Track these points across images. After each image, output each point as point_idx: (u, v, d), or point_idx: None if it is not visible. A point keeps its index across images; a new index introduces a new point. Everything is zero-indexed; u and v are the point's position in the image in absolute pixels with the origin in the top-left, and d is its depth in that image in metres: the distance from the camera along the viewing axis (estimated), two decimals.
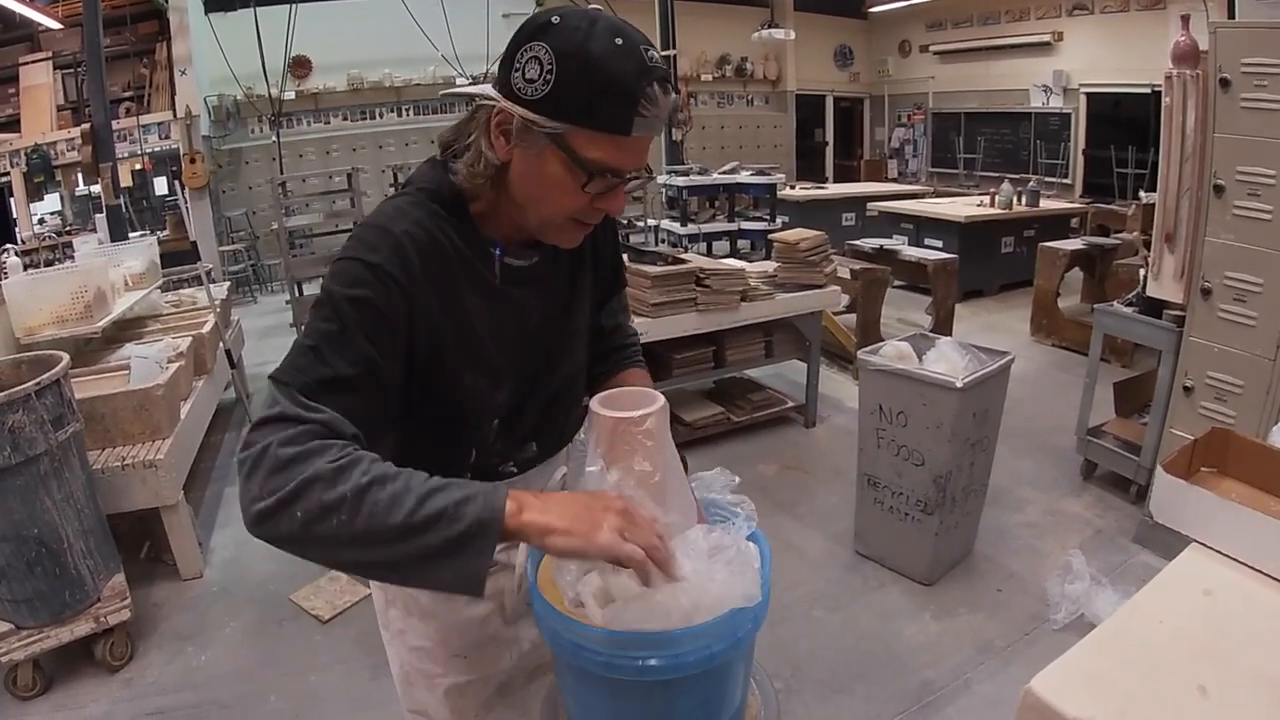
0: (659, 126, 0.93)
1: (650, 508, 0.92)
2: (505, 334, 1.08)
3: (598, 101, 0.88)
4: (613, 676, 0.89)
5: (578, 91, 0.88)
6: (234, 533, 3.52)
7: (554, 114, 0.89)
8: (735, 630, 0.90)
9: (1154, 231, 3.16)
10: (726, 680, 0.99)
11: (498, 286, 1.06)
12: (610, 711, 0.98)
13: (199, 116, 8.35)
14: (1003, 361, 2.85)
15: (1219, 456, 1.53)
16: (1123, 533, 3.24)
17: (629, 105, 0.88)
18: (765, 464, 4.01)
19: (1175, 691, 1.03)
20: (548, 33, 0.89)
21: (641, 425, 0.95)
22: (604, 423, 0.96)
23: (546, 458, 1.24)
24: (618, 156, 0.92)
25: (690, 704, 0.96)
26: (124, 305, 3.98)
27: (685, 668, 0.88)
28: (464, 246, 1.02)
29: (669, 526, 0.92)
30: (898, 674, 2.51)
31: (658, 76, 0.89)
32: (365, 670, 2.58)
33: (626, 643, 0.86)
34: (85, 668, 2.60)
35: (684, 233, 7.60)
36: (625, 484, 0.93)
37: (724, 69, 12.10)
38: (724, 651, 0.90)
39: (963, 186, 10.88)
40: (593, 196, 0.96)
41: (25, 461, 2.32)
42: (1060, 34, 10.19)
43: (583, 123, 0.89)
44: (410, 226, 0.97)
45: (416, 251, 0.96)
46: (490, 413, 1.11)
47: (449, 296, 1.00)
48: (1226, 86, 2.70)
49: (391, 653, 1.34)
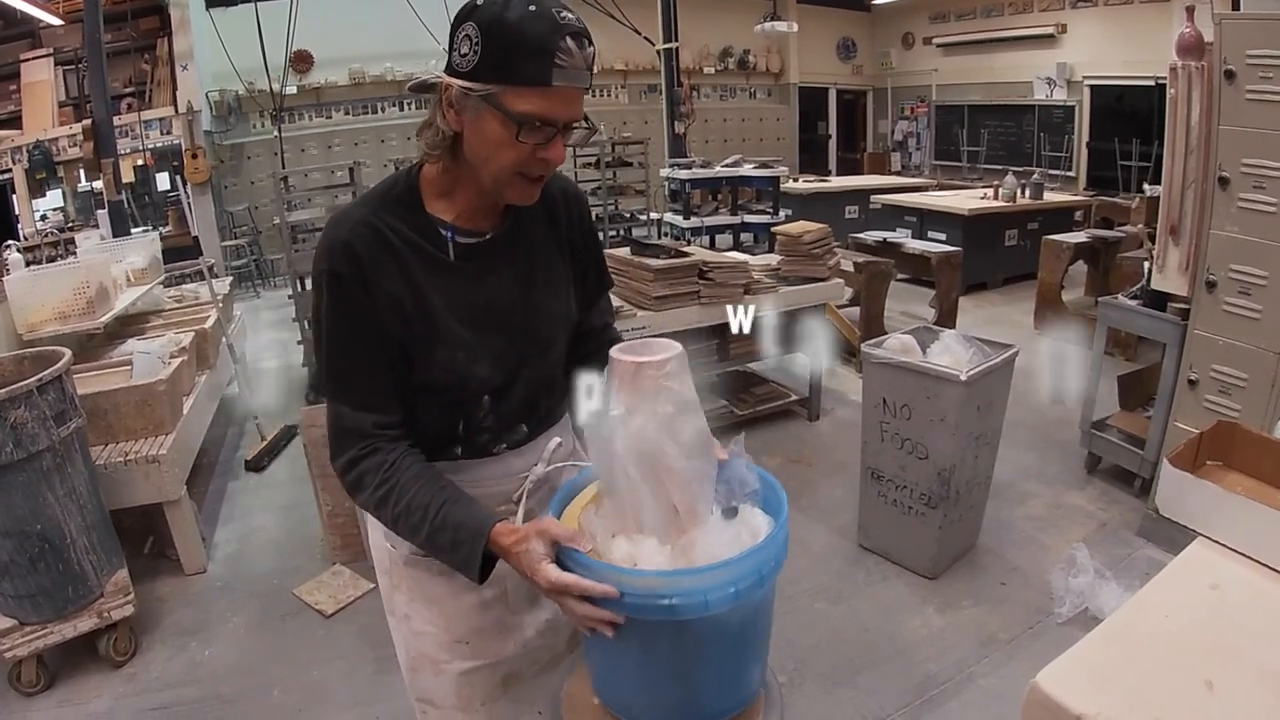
0: (581, 78, 1.02)
1: (673, 450, 0.99)
2: (467, 306, 1.17)
3: (518, 60, 0.99)
4: (642, 619, 0.95)
5: (500, 55, 0.99)
6: (237, 527, 3.54)
7: (484, 78, 1.01)
8: (759, 569, 0.96)
9: (1158, 224, 3.14)
10: (746, 634, 1.04)
11: (452, 263, 1.16)
12: (639, 657, 1.03)
13: (200, 112, 8.34)
14: (1006, 354, 2.84)
15: (1224, 450, 1.51)
16: (1127, 526, 3.23)
17: (546, 58, 0.98)
18: (769, 457, 4.00)
19: (1181, 686, 1.03)
20: (474, 12, 1.01)
21: (663, 369, 1.00)
22: (626, 368, 1.01)
23: (535, 437, 1.29)
24: (545, 106, 1.01)
25: (716, 652, 1.01)
26: (126, 301, 3.98)
27: (711, 605, 0.93)
28: (412, 233, 1.13)
29: (689, 470, 1.01)
30: (901, 667, 2.51)
31: (570, 31, 0.99)
32: (369, 665, 2.59)
33: (651, 583, 0.94)
34: (89, 663, 2.61)
35: (687, 226, 7.58)
36: (647, 428, 0.99)
37: (726, 62, 12.06)
38: (750, 588, 0.95)
39: (966, 179, 10.85)
40: (532, 147, 1.05)
41: (28, 457, 2.32)
42: (1064, 26, 10.14)
43: (508, 81, 1.00)
44: (352, 227, 1.11)
45: (363, 247, 1.09)
46: (473, 388, 1.19)
47: (402, 278, 1.12)
48: (1231, 78, 2.68)
49: (398, 639, 1.37)
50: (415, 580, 1.29)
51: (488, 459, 1.25)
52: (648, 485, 1.00)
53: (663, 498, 1.00)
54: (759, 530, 1.04)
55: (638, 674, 1.05)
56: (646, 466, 0.99)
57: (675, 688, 1.04)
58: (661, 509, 1.01)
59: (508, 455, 1.26)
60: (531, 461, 1.25)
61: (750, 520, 1.05)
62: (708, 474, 1.04)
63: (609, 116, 10.17)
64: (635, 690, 1.08)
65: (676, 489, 1.01)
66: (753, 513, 1.06)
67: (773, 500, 1.09)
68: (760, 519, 1.06)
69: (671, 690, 1.04)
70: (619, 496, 1.03)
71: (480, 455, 1.24)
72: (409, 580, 1.29)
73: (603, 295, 1.40)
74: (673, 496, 1.01)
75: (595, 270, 1.36)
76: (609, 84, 11.26)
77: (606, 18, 7.95)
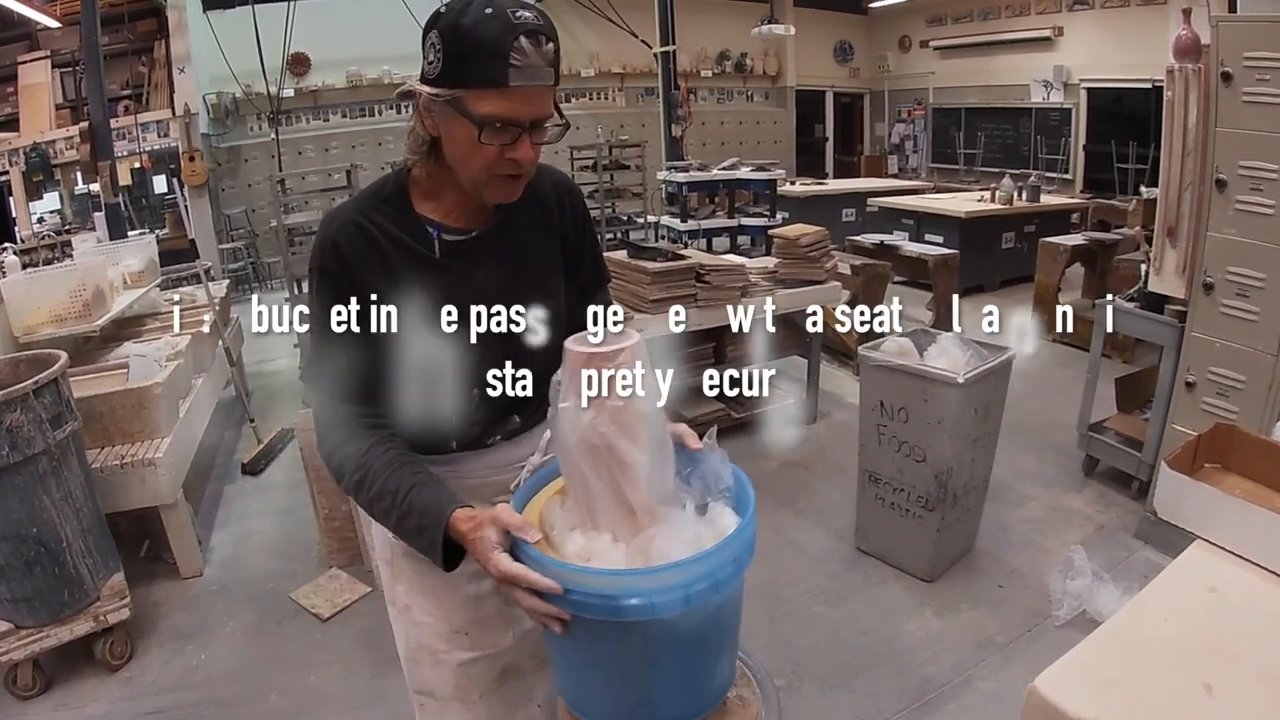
0: (540, 75, 1.03)
1: (624, 445, 0.96)
2: (452, 300, 1.18)
3: (474, 63, 1.01)
4: (589, 618, 0.93)
5: (458, 60, 1.02)
6: (233, 531, 3.52)
7: (447, 84, 1.04)
8: (714, 572, 0.92)
9: (1156, 226, 3.14)
10: (706, 638, 1.01)
11: (437, 259, 1.19)
12: (590, 655, 1.00)
13: (198, 114, 8.33)
14: (1004, 357, 2.84)
15: (1223, 452, 1.51)
16: (1124, 529, 3.23)
17: (500, 60, 1.00)
18: (766, 460, 4.00)
19: (1180, 690, 1.02)
20: (436, 20, 1.04)
21: (615, 360, 0.96)
22: (577, 358, 0.98)
23: (530, 429, 1.30)
24: (505, 107, 1.03)
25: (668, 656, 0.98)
26: (123, 304, 3.97)
27: (659, 609, 0.90)
28: (399, 231, 1.17)
29: (643, 465, 0.98)
30: (899, 670, 2.50)
31: (525, 30, 1.00)
32: (365, 669, 2.58)
33: (596, 581, 0.92)
34: (85, 667, 2.59)
35: (684, 229, 7.57)
36: (598, 421, 0.96)
37: (723, 65, 12.05)
38: (703, 593, 0.91)
39: (963, 182, 10.85)
40: (500, 149, 1.06)
41: (24, 461, 2.31)
42: (1061, 29, 10.14)
43: (467, 84, 1.02)
44: (340, 226, 1.15)
45: (348, 245, 1.14)
46: (462, 380, 1.20)
47: (386, 272, 1.15)
48: (1228, 81, 2.68)
49: (398, 630, 1.37)
50: (415, 571, 1.30)
51: (483, 450, 1.27)
52: (600, 480, 0.98)
53: (616, 494, 0.98)
54: (725, 530, 1.00)
55: (591, 673, 1.04)
56: (599, 461, 0.97)
57: (626, 689, 1.01)
58: (616, 505, 0.99)
59: (504, 445, 1.29)
60: (529, 450, 1.25)
61: (717, 520, 1.02)
62: (665, 469, 1.02)
63: (606, 119, 10.18)
64: (589, 689, 1.06)
65: (630, 485, 0.98)
66: (722, 511, 1.03)
67: (741, 498, 1.05)
68: (729, 519, 1.02)
69: (623, 691, 1.02)
70: (574, 491, 1.01)
71: (475, 447, 1.27)
72: (409, 571, 1.30)
73: (600, 290, 1.39)
74: (626, 493, 0.98)
75: (591, 263, 1.36)
76: (606, 87, 11.26)
77: (604, 21, 7.98)
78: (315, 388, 1.20)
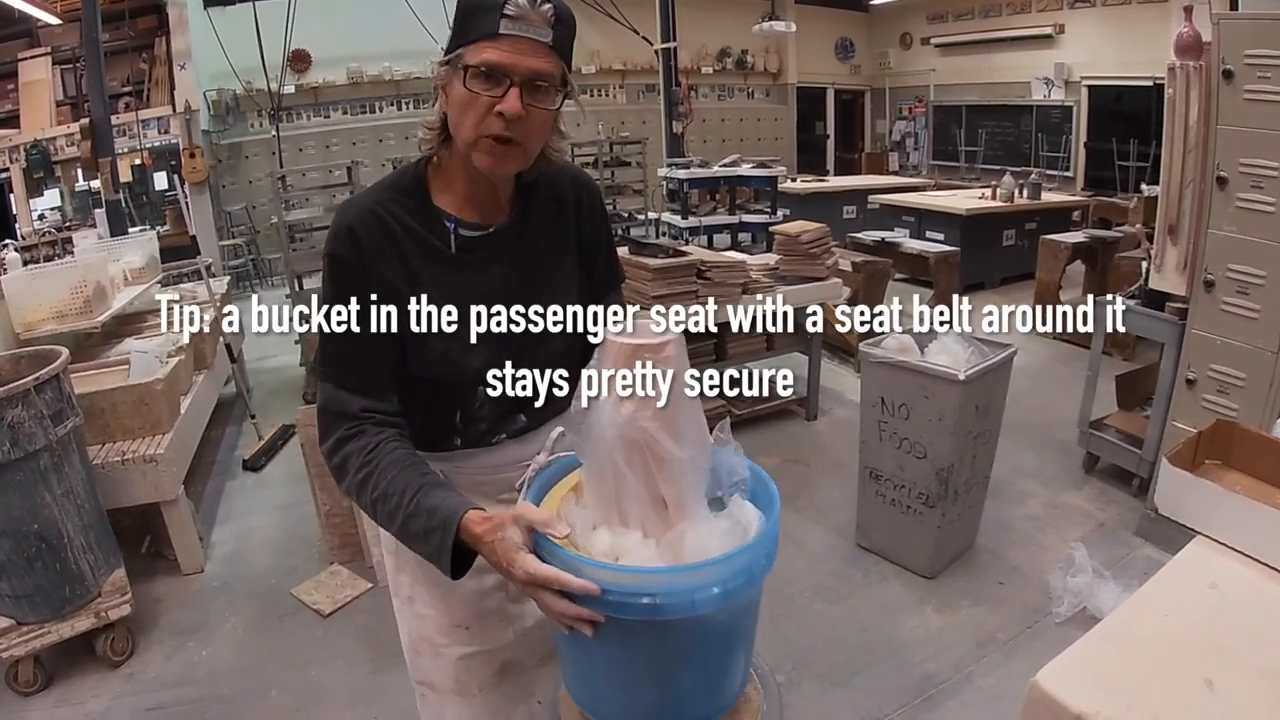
0: (535, 30, 1.03)
1: (666, 441, 0.94)
2: (466, 297, 1.17)
3: (472, 18, 1.04)
4: (625, 618, 0.90)
5: (461, 21, 1.05)
6: (235, 527, 3.53)
7: (452, 47, 1.06)
8: (750, 567, 0.91)
9: (1157, 224, 3.14)
10: (732, 635, 0.99)
11: (453, 255, 1.17)
12: (617, 657, 0.98)
13: (198, 111, 8.31)
14: (1005, 354, 2.84)
15: (1223, 449, 1.51)
16: (1125, 526, 3.23)
17: (494, 10, 1.01)
18: (766, 457, 3.99)
19: (1181, 685, 1.02)
20: None
21: (660, 353, 0.93)
22: (620, 350, 0.94)
23: (536, 428, 1.27)
24: (494, 54, 1.03)
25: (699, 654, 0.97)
26: (123, 300, 3.97)
27: (698, 605, 0.88)
28: (416, 224, 1.16)
29: (683, 461, 0.96)
30: (899, 667, 2.51)
31: None
32: (366, 664, 2.58)
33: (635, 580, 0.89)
34: (86, 663, 2.60)
35: (685, 225, 7.57)
36: (640, 415, 0.93)
37: (724, 62, 12.03)
38: (740, 588, 0.90)
39: (964, 179, 10.82)
40: (489, 101, 1.04)
41: (25, 457, 2.31)
42: (1062, 26, 10.13)
43: (465, 41, 1.04)
44: (357, 214, 1.14)
45: (365, 233, 1.12)
46: (468, 377, 1.19)
47: (401, 266, 1.14)
48: (1230, 78, 2.68)
49: (401, 621, 1.38)
50: (419, 563, 1.27)
51: (488, 448, 1.25)
52: (635, 475, 0.95)
53: (651, 489, 0.95)
54: (749, 524, 0.99)
55: (614, 674, 1.00)
56: (636, 455, 0.94)
57: (653, 690, 0.99)
58: (649, 501, 0.96)
59: (508, 443, 1.26)
60: (534, 449, 1.22)
61: (740, 514, 1.00)
62: (702, 466, 0.99)
63: (607, 116, 10.15)
64: (610, 691, 1.03)
65: (667, 481, 0.95)
66: (742, 505, 1.01)
67: (763, 494, 1.04)
68: (750, 512, 1.01)
69: (648, 693, 0.99)
70: (604, 486, 0.97)
71: (479, 445, 1.25)
72: (414, 562, 1.30)
73: (613, 290, 1.37)
74: (662, 489, 0.96)
75: (605, 260, 1.34)
76: (607, 84, 11.24)
77: (605, 17, 7.96)
78: (322, 378, 1.16)
